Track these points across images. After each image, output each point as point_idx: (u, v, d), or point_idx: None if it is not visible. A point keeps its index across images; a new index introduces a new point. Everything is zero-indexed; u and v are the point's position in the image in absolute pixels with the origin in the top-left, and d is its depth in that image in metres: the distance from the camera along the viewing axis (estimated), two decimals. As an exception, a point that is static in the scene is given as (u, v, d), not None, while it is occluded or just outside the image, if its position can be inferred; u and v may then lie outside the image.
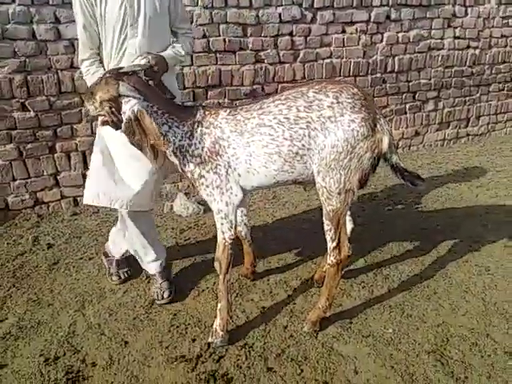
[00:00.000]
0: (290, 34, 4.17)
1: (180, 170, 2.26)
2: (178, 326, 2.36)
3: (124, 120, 2.08)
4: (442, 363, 2.12)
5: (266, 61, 4.13)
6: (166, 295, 2.54)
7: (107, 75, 2.08)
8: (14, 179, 3.53)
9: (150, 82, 2.20)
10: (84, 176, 3.74)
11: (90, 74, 2.32)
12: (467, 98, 5.47)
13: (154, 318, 2.44)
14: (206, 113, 2.16)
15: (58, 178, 3.68)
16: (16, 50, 3.26)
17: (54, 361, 2.14)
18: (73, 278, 2.80)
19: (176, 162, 2.21)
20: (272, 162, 2.07)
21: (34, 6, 3.24)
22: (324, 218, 2.17)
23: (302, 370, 2.07)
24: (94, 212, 3.70)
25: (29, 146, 3.49)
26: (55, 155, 3.62)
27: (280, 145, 2.03)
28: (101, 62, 2.35)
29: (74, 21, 3.31)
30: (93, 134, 3.67)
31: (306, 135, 2.01)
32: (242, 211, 2.61)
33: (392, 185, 4.15)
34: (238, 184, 2.15)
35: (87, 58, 2.32)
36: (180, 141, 2.15)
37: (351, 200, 2.13)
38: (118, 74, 2.05)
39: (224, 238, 2.21)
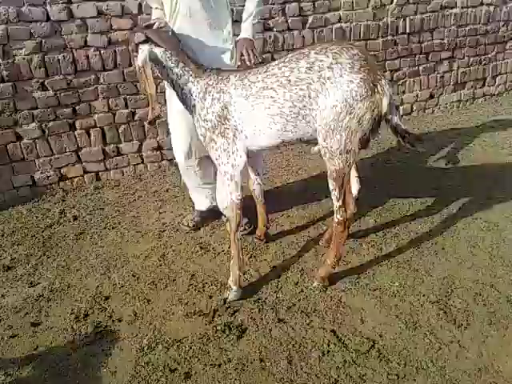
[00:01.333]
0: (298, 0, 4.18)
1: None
2: (196, 285, 2.53)
3: (136, 66, 2.30)
4: (445, 312, 2.23)
5: (274, 29, 4.17)
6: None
7: (133, 30, 2.41)
8: (39, 157, 3.71)
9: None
10: (104, 151, 3.91)
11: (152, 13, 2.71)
12: (482, 57, 5.39)
13: (174, 278, 2.61)
14: (219, 78, 2.28)
15: (80, 154, 3.84)
16: (32, 31, 3.39)
17: (83, 318, 2.34)
18: (98, 246, 2.99)
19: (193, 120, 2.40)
20: (274, 122, 2.17)
21: (46, -12, 3.36)
22: (328, 178, 2.26)
23: (311, 321, 2.22)
24: (115, 185, 3.88)
25: (50, 124, 3.65)
26: (76, 132, 3.77)
27: (281, 106, 2.12)
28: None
29: (84, 0, 3.47)
30: (109, 110, 3.81)
31: (306, 96, 2.09)
32: (256, 170, 2.72)
33: (405, 149, 4.17)
34: (245, 146, 2.28)
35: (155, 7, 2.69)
36: (194, 100, 2.32)
37: (353, 160, 2.21)
38: (140, 27, 2.37)
39: (232, 199, 2.35)
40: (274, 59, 4.20)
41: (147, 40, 2.25)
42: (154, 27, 2.35)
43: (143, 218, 3.30)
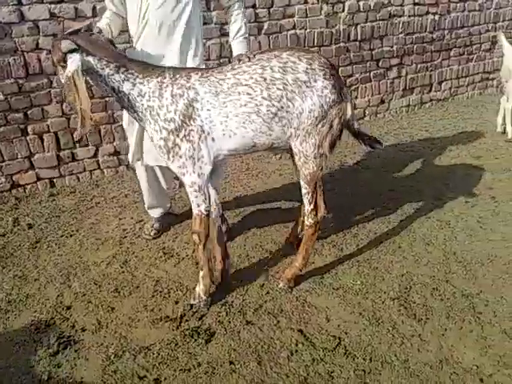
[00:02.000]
0: (253, 6, 4.23)
1: (150, 138, 2.20)
2: (161, 291, 2.50)
3: (64, 78, 2.03)
4: (406, 307, 2.33)
5: (231, 34, 4.19)
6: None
7: (55, 38, 2.11)
8: (-11, 163, 3.56)
9: None
10: (58, 157, 3.79)
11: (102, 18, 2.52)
12: (429, 64, 5.64)
13: (137, 285, 2.57)
14: (177, 75, 2.11)
15: (33, 160, 3.71)
16: (-19, 33, 3.26)
17: (45, 329, 2.26)
18: (56, 254, 2.89)
19: (146, 127, 2.18)
20: (250, 121, 2.08)
21: (-4, -11, 3.23)
22: (302, 182, 2.29)
23: (278, 321, 2.25)
24: (71, 192, 3.76)
25: (1, 129, 3.51)
26: (28, 138, 3.64)
27: (259, 104, 2.07)
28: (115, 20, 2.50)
29: (35, 2, 3.37)
30: (63, 114, 3.71)
31: (283, 96, 2.07)
32: (214, 187, 2.51)
33: (360, 152, 4.32)
34: (211, 152, 2.14)
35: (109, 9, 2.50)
36: (148, 101, 2.10)
37: (325, 164, 2.27)
38: (64, 35, 2.06)
39: (200, 211, 2.20)
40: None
41: (77, 48, 1.99)
42: (81, 32, 2.08)
43: (102, 225, 3.23)
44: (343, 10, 4.77)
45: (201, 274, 2.36)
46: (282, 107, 2.10)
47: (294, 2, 4.46)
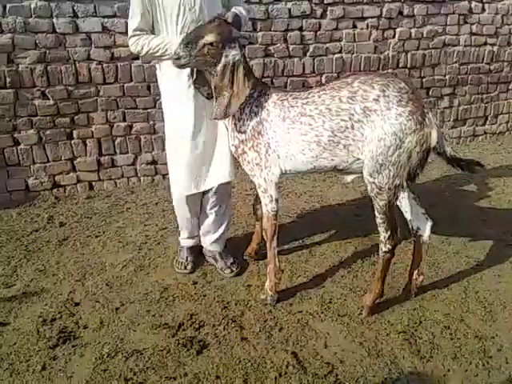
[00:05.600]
0: (300, 28, 4.27)
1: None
2: (166, 298, 2.54)
3: (222, 63, 2.17)
4: (410, 343, 2.22)
5: (275, 55, 4.26)
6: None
7: (218, 21, 2.16)
8: (34, 163, 3.80)
9: None
10: (99, 162, 3.98)
11: (142, 38, 2.33)
12: (484, 96, 5.41)
13: (146, 290, 2.63)
14: (262, 92, 2.31)
15: (75, 162, 3.92)
16: (37, 42, 3.52)
17: (50, 322, 2.36)
18: (78, 253, 3.03)
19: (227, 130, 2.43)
20: (310, 149, 2.19)
21: (54, 1, 3.49)
22: (376, 213, 2.27)
23: (274, 342, 2.22)
24: (106, 196, 3.94)
25: (48, 131, 3.75)
26: (72, 141, 3.86)
27: (319, 134, 2.14)
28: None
29: (90, 15, 3.59)
30: (107, 122, 3.90)
31: (348, 127, 2.08)
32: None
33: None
34: (277, 164, 2.30)
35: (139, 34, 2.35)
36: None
37: (400, 193, 2.25)
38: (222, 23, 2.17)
39: (267, 210, 2.40)
40: (273, 84, 4.30)
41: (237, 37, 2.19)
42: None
43: (128, 229, 3.34)
44: (393, 37, 4.71)
45: (268, 269, 2.50)
46: (347, 136, 2.11)
47: (341, 26, 4.46)
